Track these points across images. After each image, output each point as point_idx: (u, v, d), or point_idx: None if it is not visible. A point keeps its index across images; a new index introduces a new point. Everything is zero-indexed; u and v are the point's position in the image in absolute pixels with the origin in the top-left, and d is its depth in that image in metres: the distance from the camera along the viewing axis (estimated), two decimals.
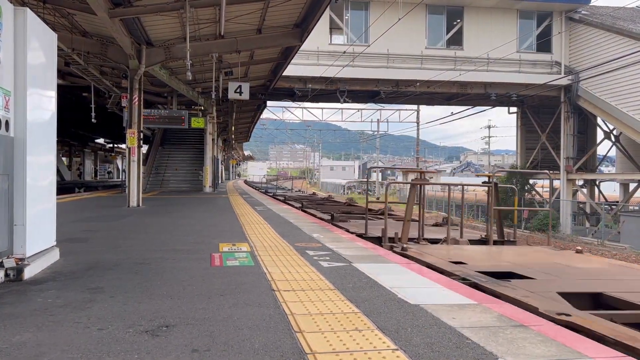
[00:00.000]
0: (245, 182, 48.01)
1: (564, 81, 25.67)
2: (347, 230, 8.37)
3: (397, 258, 5.35)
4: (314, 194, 31.77)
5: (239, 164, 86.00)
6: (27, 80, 4.00)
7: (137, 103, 12.60)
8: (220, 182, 33.24)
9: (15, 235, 3.98)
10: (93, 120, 19.85)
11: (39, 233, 4.33)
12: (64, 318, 2.98)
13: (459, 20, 25.99)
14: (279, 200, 18.21)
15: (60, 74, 16.56)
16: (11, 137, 3.89)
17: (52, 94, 4.67)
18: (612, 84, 23.44)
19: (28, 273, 3.99)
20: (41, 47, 4.36)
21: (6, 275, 3.85)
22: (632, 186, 27.92)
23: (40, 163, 4.38)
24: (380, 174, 72.07)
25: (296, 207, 13.88)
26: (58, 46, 5.27)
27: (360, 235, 7.64)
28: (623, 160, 27.34)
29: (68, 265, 4.57)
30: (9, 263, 3.88)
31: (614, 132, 26.91)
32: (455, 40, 26.02)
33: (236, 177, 75.86)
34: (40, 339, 2.62)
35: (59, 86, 4.86)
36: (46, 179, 4.55)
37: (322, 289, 3.80)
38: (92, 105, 19.21)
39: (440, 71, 24.40)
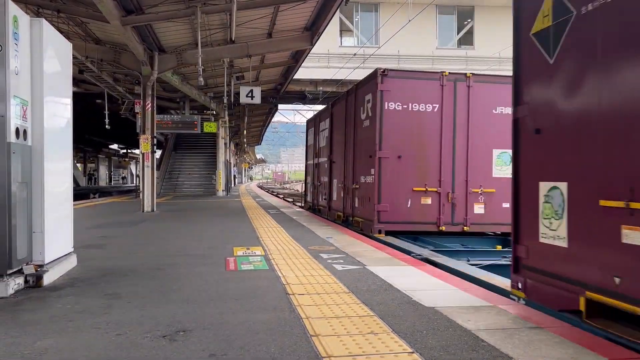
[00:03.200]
0: (259, 185, 48.22)
1: None
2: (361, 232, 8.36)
3: (411, 260, 5.34)
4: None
5: (251, 167, 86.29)
6: (44, 90, 4.07)
7: (149, 109, 12.72)
8: (232, 185, 33.40)
9: (34, 243, 4.04)
10: (107, 126, 20.10)
11: (57, 240, 4.40)
12: (83, 324, 3.03)
13: (469, 20, 25.90)
14: (290, 202, 18.25)
15: (75, 81, 16.70)
16: (29, 146, 3.96)
17: (68, 102, 4.74)
18: None
19: (47, 279, 4.05)
20: (57, 56, 4.44)
21: (26, 281, 3.92)
22: None
23: (57, 170, 4.45)
24: None
25: (308, 210, 13.90)
26: (72, 54, 5.33)
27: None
28: None
29: (85, 272, 4.63)
30: (29, 270, 3.94)
31: None
32: (466, 40, 25.93)
33: (248, 180, 76.13)
34: (61, 344, 2.66)
35: (73, 93, 4.92)
36: (63, 185, 4.62)
37: (336, 292, 3.82)
38: (106, 112, 19.44)
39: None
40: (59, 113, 4.52)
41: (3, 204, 3.62)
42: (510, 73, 3.70)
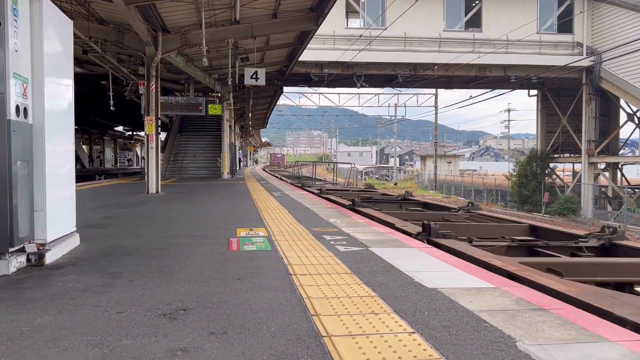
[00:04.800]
0: (264, 169, 48.16)
1: (586, 62, 25.13)
2: (366, 215, 8.33)
3: (414, 242, 5.32)
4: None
5: (257, 151, 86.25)
6: (44, 68, 4.03)
7: (154, 90, 12.66)
8: (238, 168, 33.43)
9: (36, 221, 4.04)
10: (112, 108, 20.06)
11: (59, 219, 4.39)
12: (84, 302, 3.03)
13: (477, 2, 25.55)
14: (296, 186, 18.23)
15: (78, 62, 16.69)
16: (30, 124, 3.94)
17: (69, 82, 4.70)
18: (636, 65, 22.86)
19: (49, 258, 4.06)
20: (57, 34, 4.38)
21: (28, 260, 3.92)
22: None
23: (59, 150, 4.43)
24: (397, 160, 71.75)
25: (313, 193, 13.88)
26: (75, 34, 5.27)
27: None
28: None
29: (88, 251, 4.64)
30: (31, 248, 3.94)
31: (638, 114, 26.31)
32: (474, 22, 25.60)
33: (254, 163, 76.18)
34: (60, 322, 2.66)
35: (77, 74, 4.91)
36: (65, 166, 4.60)
37: (338, 273, 3.80)
38: (111, 93, 19.38)
39: (459, 54, 24.06)
40: (60, 93, 4.48)
41: (4, 182, 3.60)
42: (518, 56, 3.59)
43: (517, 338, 2.43)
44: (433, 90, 42.86)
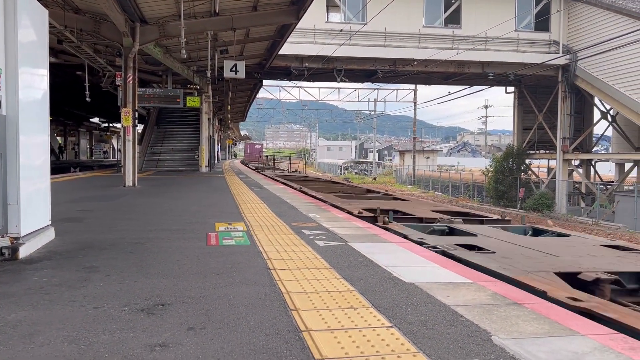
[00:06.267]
0: (242, 162, 47.84)
1: (562, 60, 25.53)
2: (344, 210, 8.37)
3: (393, 237, 5.37)
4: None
5: (235, 144, 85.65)
6: (19, 58, 3.94)
7: (131, 82, 12.47)
8: (216, 161, 33.17)
9: (10, 215, 3.95)
10: (87, 99, 19.71)
11: (33, 212, 4.31)
12: (60, 297, 2.98)
13: None
14: (276, 180, 18.20)
15: (53, 52, 16.33)
16: (3, 115, 3.85)
17: (44, 72, 4.60)
18: (610, 64, 23.32)
19: (23, 252, 3.98)
20: (32, 23, 4.28)
21: (1, 254, 3.84)
22: (627, 166, 28.00)
23: (33, 142, 4.34)
24: (377, 155, 72.06)
25: (293, 188, 13.88)
26: (50, 23, 5.14)
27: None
28: (619, 140, 27.37)
29: (63, 245, 4.57)
30: (4, 242, 3.86)
31: (611, 112, 26.88)
32: (453, 19, 25.77)
33: (232, 157, 75.67)
34: (35, 317, 2.62)
35: (52, 64, 4.80)
36: (39, 158, 4.51)
37: (317, 268, 3.82)
38: (87, 84, 19.04)
39: (438, 50, 24.20)
40: (34, 83, 4.39)
41: None
42: (496, 53, 3.66)
43: (493, 332, 2.48)
44: (412, 86, 43.13)
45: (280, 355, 2.19)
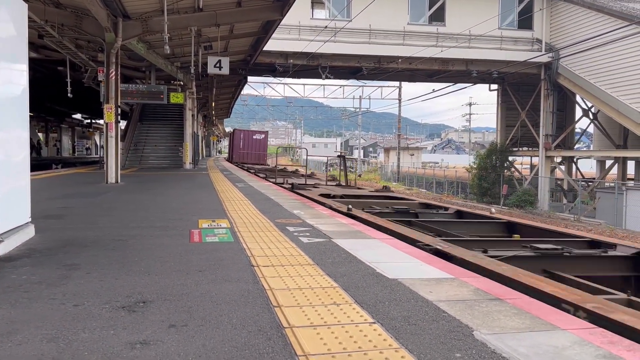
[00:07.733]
0: (229, 160, 47.52)
1: (544, 58, 25.81)
2: (329, 206, 8.38)
3: (377, 234, 5.38)
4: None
5: (220, 141, 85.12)
6: None
7: (114, 77, 12.31)
8: (200, 158, 32.95)
9: None
10: (69, 95, 19.42)
11: (12, 209, 4.24)
12: (39, 295, 2.94)
13: None
14: (260, 177, 18.13)
15: (34, 46, 16.03)
16: None
17: (24, 68, 4.52)
18: (591, 62, 23.63)
19: (1, 250, 3.92)
20: (11, 17, 4.20)
21: None
22: (608, 163, 28.44)
23: (12, 138, 4.27)
24: (362, 152, 72.19)
25: (277, 184, 13.83)
26: (30, 17, 5.04)
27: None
28: (600, 137, 27.77)
29: (43, 242, 4.50)
30: None
31: (592, 109, 27.25)
32: (438, 17, 25.89)
33: (217, 153, 75.23)
34: (13, 315, 2.58)
35: (32, 60, 4.71)
36: (19, 154, 4.44)
37: (301, 265, 3.81)
38: (68, 80, 18.74)
39: (422, 47, 24.30)
40: (13, 78, 4.31)
41: None
42: (480, 51, 3.68)
43: (474, 327, 2.50)
44: (397, 83, 43.26)
45: (262, 352, 2.19)
